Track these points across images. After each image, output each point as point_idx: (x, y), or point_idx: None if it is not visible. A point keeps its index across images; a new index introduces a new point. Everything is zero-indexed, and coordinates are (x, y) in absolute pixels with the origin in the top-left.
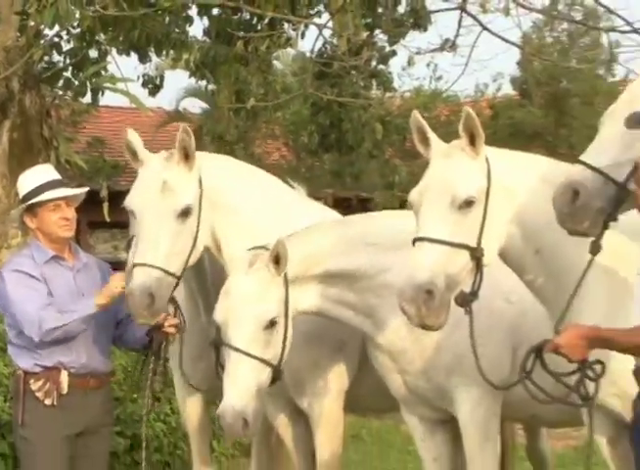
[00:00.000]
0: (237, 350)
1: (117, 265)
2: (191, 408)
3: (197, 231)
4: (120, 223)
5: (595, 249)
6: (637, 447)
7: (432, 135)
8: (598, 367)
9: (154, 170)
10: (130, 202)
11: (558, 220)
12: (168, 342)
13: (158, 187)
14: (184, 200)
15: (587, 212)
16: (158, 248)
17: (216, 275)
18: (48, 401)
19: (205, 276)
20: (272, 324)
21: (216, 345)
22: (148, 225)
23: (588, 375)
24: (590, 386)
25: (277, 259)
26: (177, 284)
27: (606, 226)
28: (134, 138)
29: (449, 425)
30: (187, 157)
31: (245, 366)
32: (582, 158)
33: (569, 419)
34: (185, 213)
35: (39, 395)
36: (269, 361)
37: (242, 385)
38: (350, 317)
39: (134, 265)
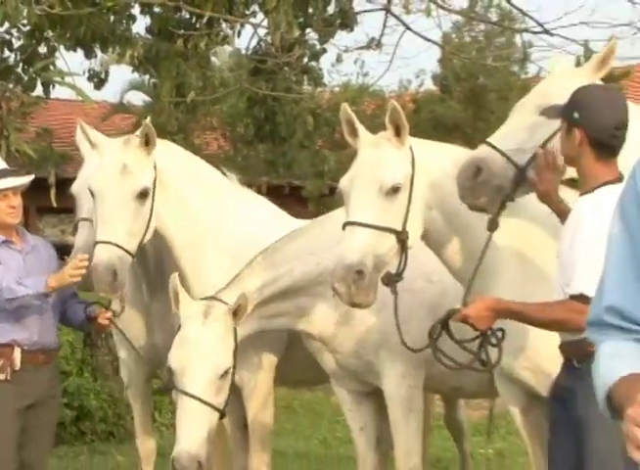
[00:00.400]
0: (193, 397)
1: (65, 248)
2: (134, 381)
3: (151, 213)
4: (67, 209)
5: (492, 226)
6: (556, 415)
7: (360, 127)
8: (499, 334)
9: (113, 154)
10: (90, 182)
11: (459, 194)
12: (105, 332)
13: (118, 169)
14: (142, 182)
15: (486, 189)
16: (119, 227)
17: (158, 260)
18: (2, 377)
19: (148, 261)
20: (226, 373)
21: (168, 389)
22: (109, 205)
23: (490, 341)
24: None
25: (236, 312)
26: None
27: (503, 206)
28: (86, 126)
29: (375, 396)
30: (147, 143)
31: (198, 412)
32: (489, 140)
33: (486, 391)
34: (143, 195)
35: None
36: (218, 407)
37: (196, 430)
38: (284, 323)
39: (97, 242)
